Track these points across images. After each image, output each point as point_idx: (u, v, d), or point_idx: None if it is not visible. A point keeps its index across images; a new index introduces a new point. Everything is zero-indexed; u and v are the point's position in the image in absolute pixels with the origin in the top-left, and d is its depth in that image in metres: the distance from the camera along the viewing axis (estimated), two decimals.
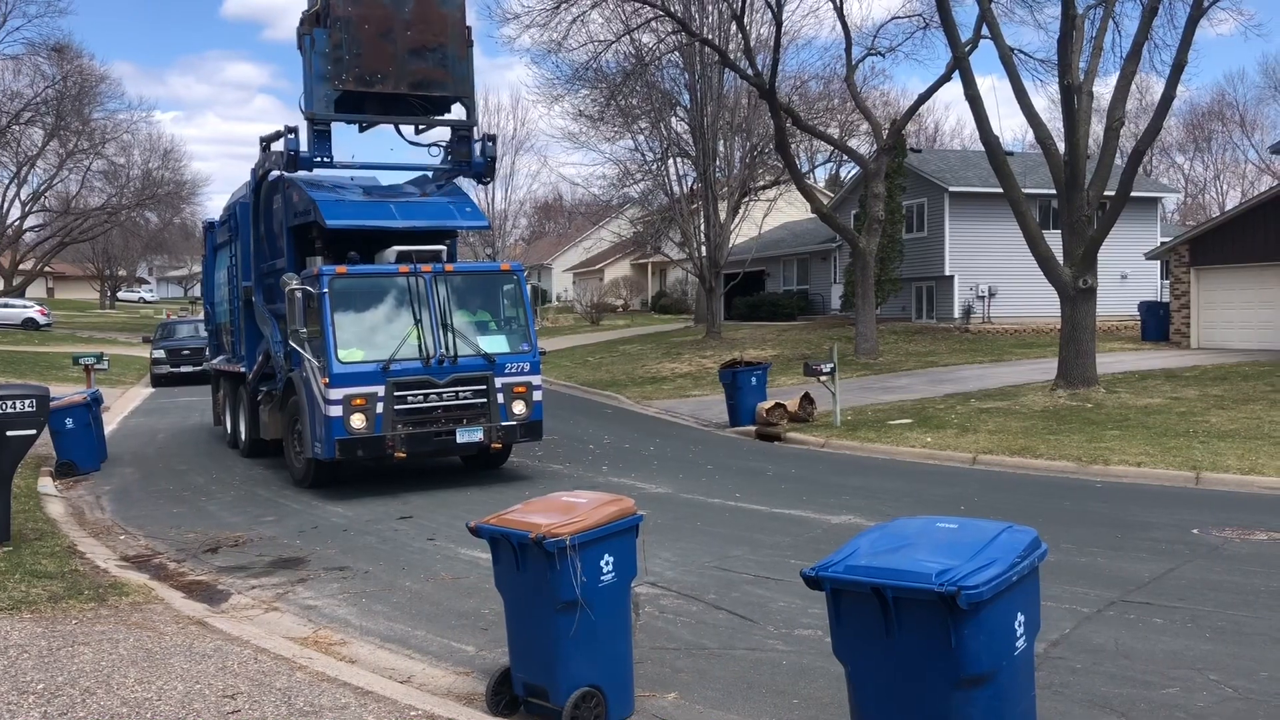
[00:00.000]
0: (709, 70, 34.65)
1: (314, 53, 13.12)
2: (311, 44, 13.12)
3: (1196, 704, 5.60)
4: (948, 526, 4.54)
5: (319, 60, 13.14)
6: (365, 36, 13.25)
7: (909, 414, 18.16)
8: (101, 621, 7.30)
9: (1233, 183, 73.07)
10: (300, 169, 13.72)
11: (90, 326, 57.88)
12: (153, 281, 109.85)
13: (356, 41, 13.20)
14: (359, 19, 13.15)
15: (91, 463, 15.08)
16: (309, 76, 13.32)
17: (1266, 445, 13.52)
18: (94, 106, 50.07)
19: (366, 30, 13.22)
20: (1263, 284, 25.51)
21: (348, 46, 13.17)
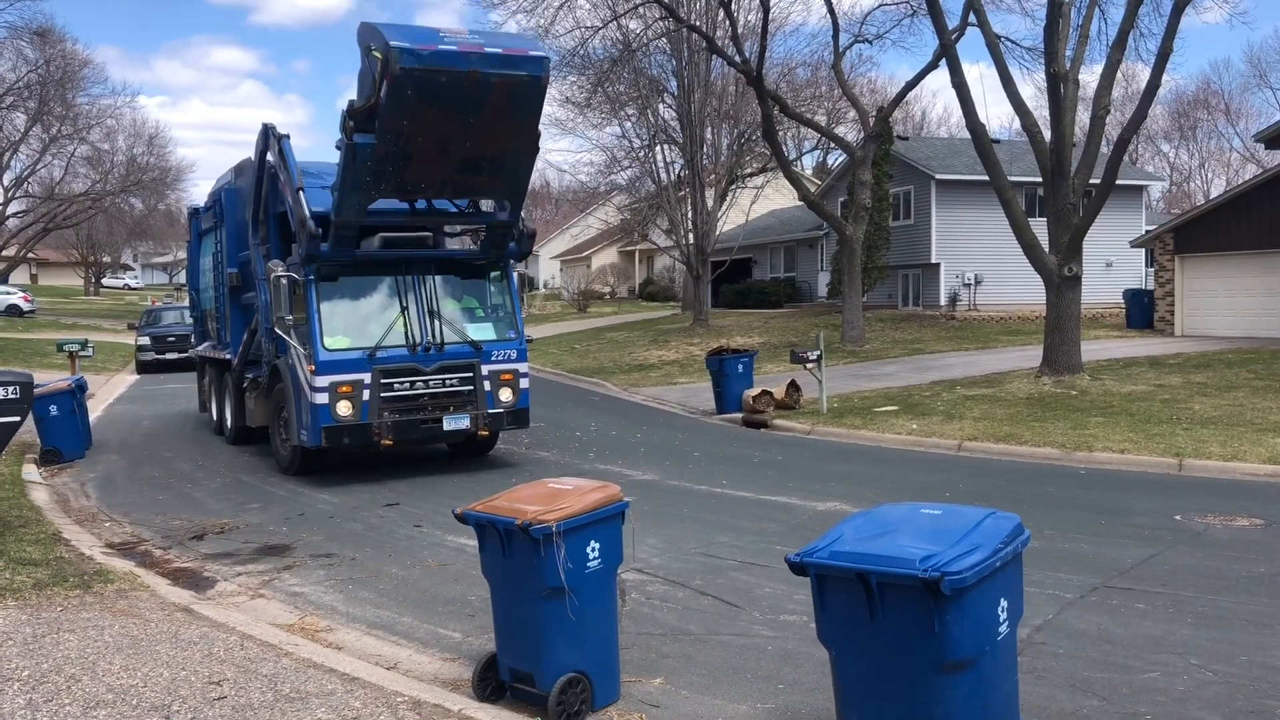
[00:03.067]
0: (696, 57, 34.60)
1: (355, 163, 11.55)
2: (353, 155, 11.47)
3: (1177, 688, 5.65)
4: (931, 513, 4.57)
5: (360, 170, 11.61)
6: (418, 150, 11.60)
7: (895, 401, 18.22)
8: (87, 609, 7.29)
9: (1218, 171, 73.48)
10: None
11: (75, 313, 57.57)
12: (137, 268, 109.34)
13: (406, 156, 11.61)
14: (415, 132, 11.42)
15: (76, 450, 15.02)
16: (344, 183, 11.79)
17: (1249, 432, 13.62)
18: (77, 91, 49.69)
19: (420, 143, 11.54)
20: (1246, 272, 25.65)
21: (395, 160, 11.62)
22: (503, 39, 12.15)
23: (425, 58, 10.81)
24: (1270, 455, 12.24)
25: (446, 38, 11.15)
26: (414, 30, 11.29)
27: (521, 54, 11.38)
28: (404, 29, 11.17)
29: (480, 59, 11.09)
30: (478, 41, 11.33)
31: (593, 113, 37.74)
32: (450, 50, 10.95)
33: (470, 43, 11.22)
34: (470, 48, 11.11)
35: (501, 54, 11.21)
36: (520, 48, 11.53)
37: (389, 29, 10.99)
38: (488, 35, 12.24)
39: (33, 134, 50.11)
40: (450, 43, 11.04)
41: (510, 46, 11.48)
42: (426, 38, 11.06)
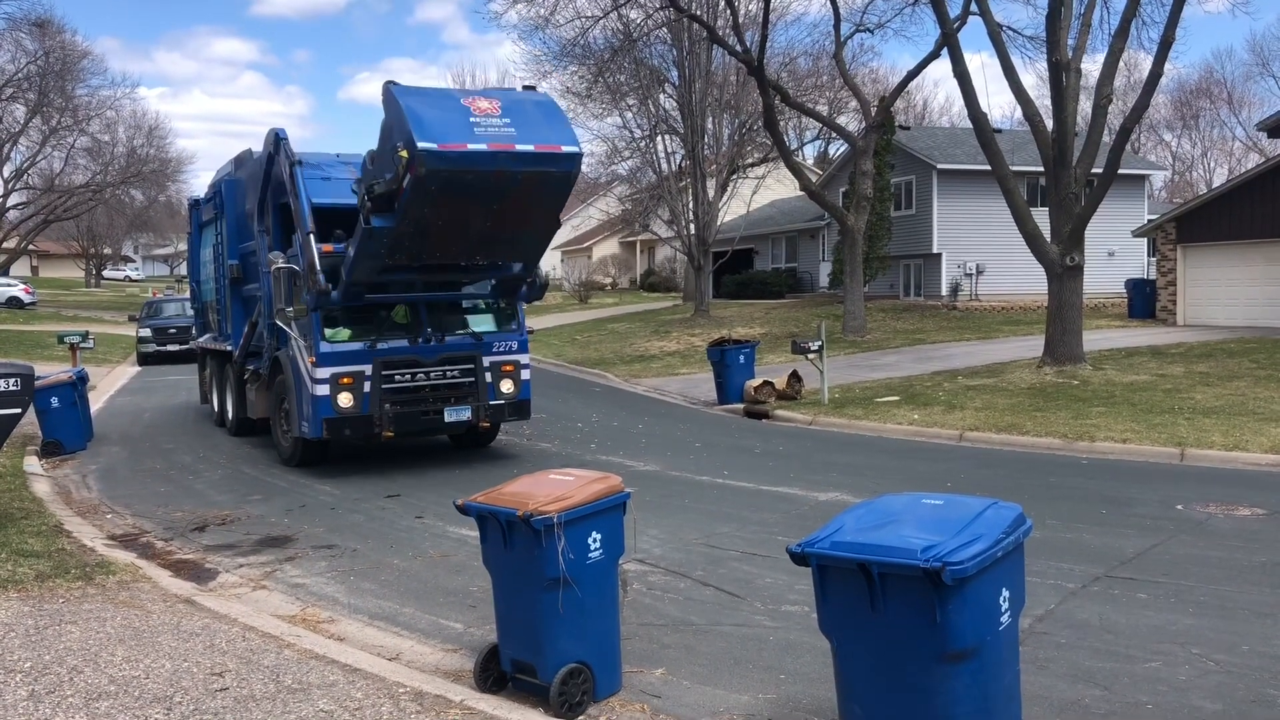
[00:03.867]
0: (697, 47, 34.51)
1: (370, 241, 11.28)
2: (369, 235, 11.17)
3: (1179, 677, 5.65)
4: (933, 503, 4.56)
5: (375, 247, 11.35)
6: (436, 230, 11.30)
7: (896, 391, 18.21)
8: (89, 600, 7.29)
9: (1220, 160, 73.32)
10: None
11: (76, 305, 57.54)
12: (138, 259, 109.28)
13: (424, 234, 11.31)
14: (436, 218, 11.09)
15: (77, 442, 15.03)
16: (358, 253, 11.50)
17: (1251, 421, 13.61)
18: (77, 83, 49.59)
19: (440, 225, 11.23)
20: (1249, 261, 25.60)
21: (412, 238, 11.33)
22: (537, 125, 11.10)
23: (452, 159, 10.46)
24: (1272, 444, 12.23)
25: (477, 128, 10.63)
26: (442, 121, 10.57)
27: (554, 151, 10.97)
28: (431, 119, 10.49)
29: (510, 158, 10.74)
30: (509, 135, 10.76)
31: (594, 103, 37.66)
32: (479, 151, 10.54)
33: (501, 137, 10.70)
34: (501, 146, 10.67)
35: (533, 152, 10.81)
36: (553, 143, 10.98)
37: (415, 117, 10.40)
38: (520, 109, 11.21)
39: (33, 125, 50.04)
40: (480, 140, 10.58)
41: (543, 142, 10.95)
42: (455, 131, 10.51)
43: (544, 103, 11.83)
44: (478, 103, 11.00)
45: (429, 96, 11.14)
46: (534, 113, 11.30)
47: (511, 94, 11.86)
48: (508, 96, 11.59)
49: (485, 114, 10.86)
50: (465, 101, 10.99)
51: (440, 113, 10.70)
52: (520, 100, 11.58)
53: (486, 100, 11.11)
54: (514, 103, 11.34)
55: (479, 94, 11.43)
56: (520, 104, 11.38)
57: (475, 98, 11.17)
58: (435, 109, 10.74)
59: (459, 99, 11.10)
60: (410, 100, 10.71)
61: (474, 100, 11.04)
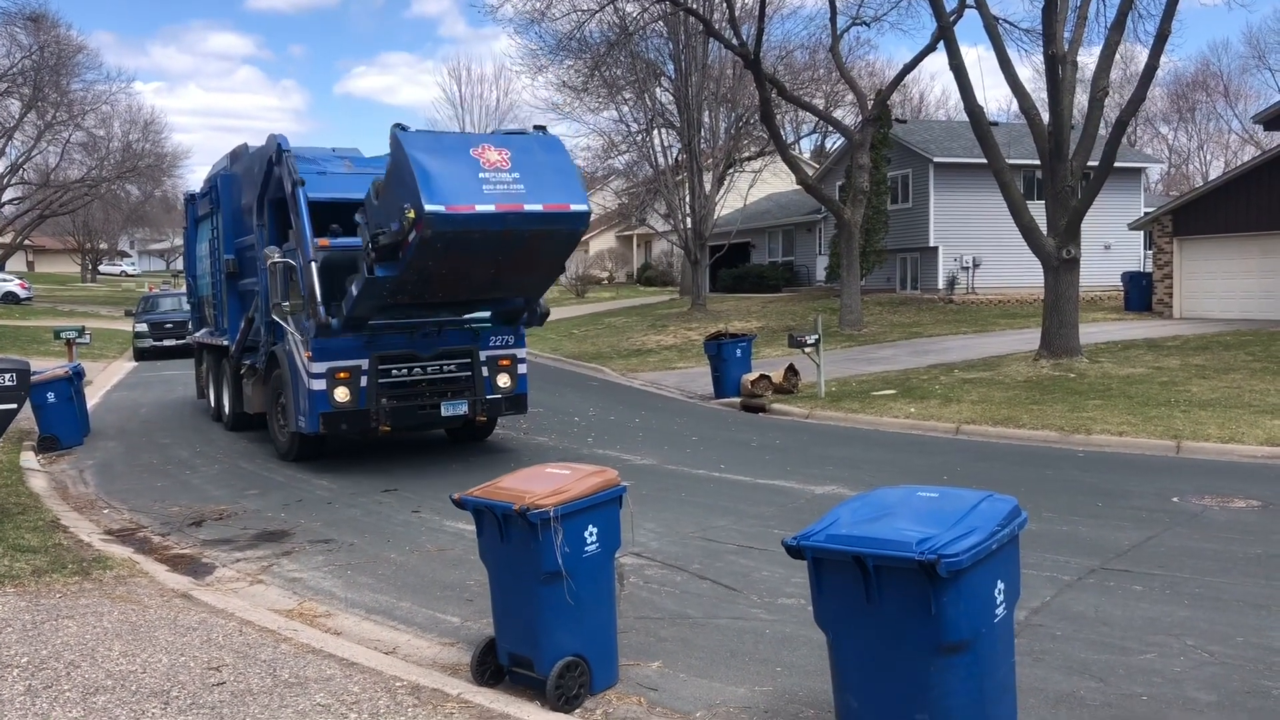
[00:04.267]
0: (693, 40, 34.45)
1: (373, 288, 11.29)
2: (372, 283, 11.19)
3: (1173, 669, 5.67)
4: (928, 495, 4.57)
5: (378, 292, 11.38)
6: (440, 278, 11.37)
7: (893, 385, 18.22)
8: (86, 595, 7.30)
9: (1216, 153, 73.29)
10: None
11: (71, 300, 57.49)
12: (134, 255, 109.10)
13: (428, 281, 11.36)
14: (441, 268, 11.11)
15: (74, 437, 15.02)
16: (360, 294, 11.40)
17: (1246, 414, 13.63)
18: (72, 77, 49.43)
19: (444, 274, 11.28)
20: (1245, 254, 25.63)
21: (415, 285, 11.39)
22: (546, 180, 10.99)
23: (460, 220, 10.41)
24: (1268, 437, 12.26)
25: (485, 185, 10.52)
26: (450, 178, 10.43)
27: (562, 210, 10.95)
28: (439, 177, 10.35)
29: (518, 218, 10.72)
30: (518, 193, 10.69)
31: (590, 97, 37.62)
32: (488, 213, 10.49)
33: (510, 196, 10.64)
34: (509, 206, 10.62)
35: (542, 212, 10.79)
36: (562, 202, 10.95)
37: (423, 174, 10.26)
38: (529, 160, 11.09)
39: (28, 120, 49.89)
40: (489, 199, 10.50)
41: (552, 201, 10.90)
42: (463, 192, 10.41)
43: (554, 151, 11.64)
44: (487, 154, 10.85)
45: (438, 146, 10.88)
46: (544, 163, 11.18)
47: (522, 141, 11.54)
48: (518, 145, 11.30)
49: (494, 168, 10.77)
50: (474, 152, 10.82)
51: (448, 167, 10.55)
52: (530, 148, 11.35)
53: (496, 151, 10.95)
54: (524, 152, 11.16)
55: (489, 140, 11.19)
56: (530, 153, 11.22)
57: (485, 146, 10.96)
58: (443, 161, 10.57)
59: (468, 149, 10.90)
60: (418, 152, 10.53)
61: (483, 150, 10.87)
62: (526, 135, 11.85)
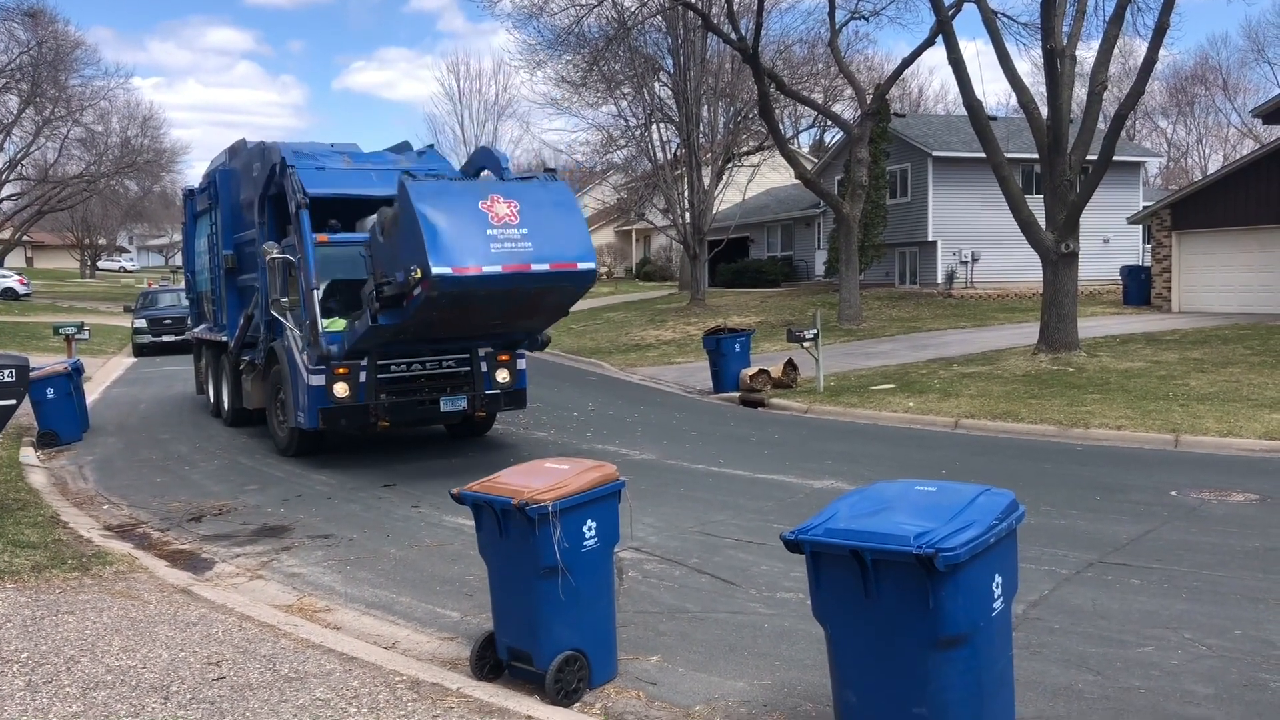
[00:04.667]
0: (692, 35, 34.42)
1: (377, 332, 11.33)
2: (376, 329, 11.23)
3: (1171, 662, 5.69)
4: (926, 490, 4.58)
5: (382, 334, 11.45)
6: (444, 323, 11.48)
7: (892, 379, 18.24)
8: (85, 591, 7.31)
9: (1215, 146, 73.33)
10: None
11: (70, 296, 57.49)
12: (133, 250, 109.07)
13: (432, 326, 11.46)
14: (446, 316, 11.17)
15: (73, 433, 15.02)
16: (365, 334, 11.44)
17: (1245, 408, 13.65)
18: (70, 73, 49.39)
19: (449, 320, 11.38)
20: (1243, 248, 25.63)
21: (419, 328, 11.46)
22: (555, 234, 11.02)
23: (466, 282, 10.44)
24: (1266, 430, 12.27)
25: (493, 243, 10.47)
26: (457, 237, 10.40)
27: (569, 269, 10.99)
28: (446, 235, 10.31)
29: (525, 278, 10.77)
30: (525, 252, 10.67)
31: (588, 91, 37.54)
32: (494, 274, 10.53)
33: (517, 256, 10.63)
34: (516, 267, 10.62)
35: (548, 271, 10.84)
36: (569, 260, 10.98)
37: (430, 232, 10.23)
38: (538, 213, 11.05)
39: (26, 116, 49.83)
40: (496, 260, 10.49)
41: (559, 259, 10.93)
42: (470, 252, 10.38)
43: (562, 200, 11.58)
44: (496, 206, 10.81)
45: (446, 197, 10.75)
46: (552, 216, 11.16)
47: (531, 191, 11.42)
48: (526, 196, 11.22)
49: (503, 223, 10.74)
50: (483, 205, 10.76)
51: (456, 222, 10.50)
52: (539, 199, 11.28)
53: (505, 203, 10.89)
54: (533, 205, 11.10)
55: (498, 190, 11.07)
56: (538, 205, 11.16)
57: (494, 198, 10.88)
58: (451, 216, 10.50)
59: (476, 201, 10.79)
60: (425, 205, 10.45)
61: (492, 203, 10.81)
62: (535, 182, 11.75)
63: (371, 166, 14.01)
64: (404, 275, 10.55)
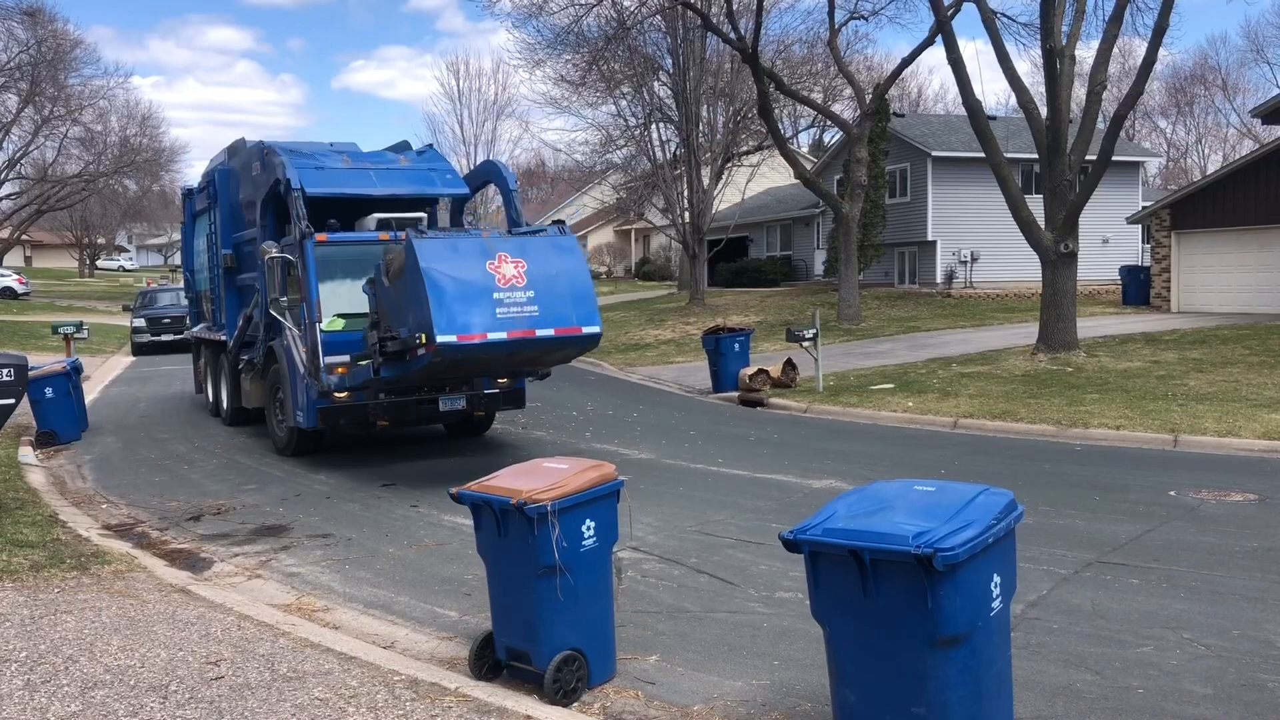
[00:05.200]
0: (691, 34, 34.40)
1: (378, 381, 11.39)
2: (379, 381, 11.36)
3: (1169, 662, 5.69)
4: (925, 489, 4.58)
5: (384, 384, 11.51)
6: (448, 375, 11.59)
7: (891, 379, 18.24)
8: (84, 590, 7.30)
9: (1214, 147, 73.34)
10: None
11: (69, 295, 57.45)
12: (132, 249, 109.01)
13: (436, 375, 11.50)
14: (448, 370, 11.22)
15: (72, 432, 15.01)
16: (366, 380, 11.50)
17: (1244, 408, 13.65)
18: (69, 72, 49.35)
19: (453, 371, 11.41)
20: (1243, 248, 25.64)
21: (421, 380, 11.64)
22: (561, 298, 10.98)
23: (470, 349, 10.46)
24: (1265, 430, 12.27)
25: (499, 308, 10.46)
26: (463, 301, 10.35)
27: (574, 334, 10.98)
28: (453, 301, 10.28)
29: (530, 343, 10.81)
30: (530, 317, 10.66)
31: (588, 91, 37.52)
32: (499, 340, 10.54)
33: (522, 322, 10.62)
34: (521, 334, 10.63)
35: (553, 336, 10.85)
36: (574, 325, 10.95)
37: (436, 296, 10.18)
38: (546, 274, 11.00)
39: (25, 115, 49.76)
40: (501, 327, 10.49)
41: (564, 325, 10.91)
42: (476, 319, 10.36)
43: (570, 256, 11.46)
44: (503, 266, 10.74)
45: (453, 256, 10.63)
46: (559, 276, 11.11)
47: (538, 247, 11.30)
48: (534, 252, 11.11)
49: (510, 285, 10.69)
50: (490, 266, 10.69)
51: (462, 285, 10.42)
52: (546, 256, 11.20)
53: (512, 263, 10.82)
54: (540, 263, 11.03)
55: (506, 248, 10.94)
56: (546, 263, 11.10)
57: (501, 256, 10.79)
58: (458, 278, 10.42)
59: (484, 260, 10.70)
60: (433, 264, 10.36)
61: (500, 263, 10.73)
62: (543, 237, 11.67)
63: (371, 166, 14.01)
64: (408, 332, 10.56)
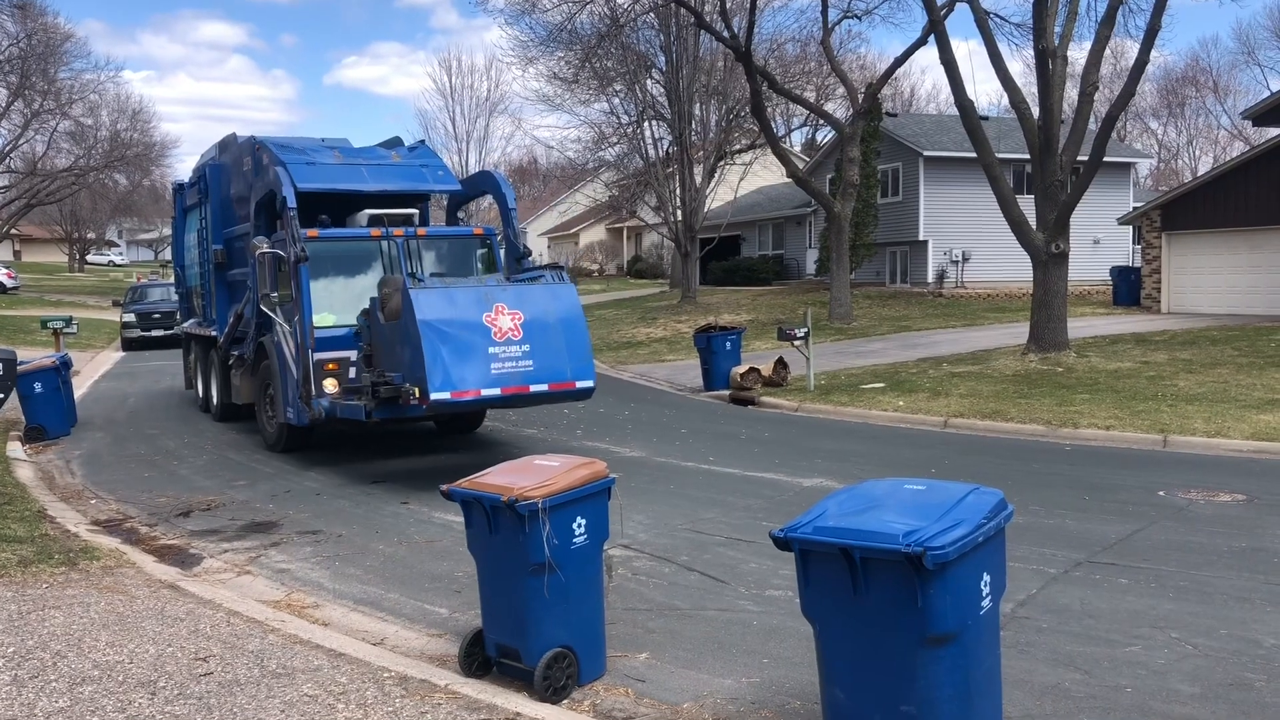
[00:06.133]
0: (684, 32, 34.43)
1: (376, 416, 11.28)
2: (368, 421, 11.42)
3: (1158, 661, 5.70)
4: (915, 488, 4.58)
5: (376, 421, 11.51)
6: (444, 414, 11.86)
7: (882, 378, 18.26)
8: (72, 585, 7.28)
9: (1205, 148, 73.62)
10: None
11: (59, 290, 57.17)
12: (122, 244, 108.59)
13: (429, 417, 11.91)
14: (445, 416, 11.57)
15: (61, 427, 14.96)
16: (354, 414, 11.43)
17: (1233, 408, 13.69)
18: (59, 66, 49.12)
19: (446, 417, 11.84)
20: (1233, 249, 25.73)
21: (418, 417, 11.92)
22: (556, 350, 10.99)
23: (464, 404, 10.56)
24: (1254, 431, 12.31)
25: (494, 363, 10.47)
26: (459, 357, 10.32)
27: (568, 388, 11.03)
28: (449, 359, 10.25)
29: (523, 398, 10.87)
30: (525, 371, 10.66)
31: (580, 88, 37.52)
32: (493, 396, 10.57)
33: (517, 377, 10.61)
34: (515, 389, 10.63)
35: (547, 391, 10.88)
36: (568, 380, 10.97)
37: (432, 354, 10.15)
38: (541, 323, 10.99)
39: (14, 109, 49.52)
40: (495, 383, 10.48)
41: (558, 379, 10.92)
42: (471, 375, 10.33)
43: (567, 305, 11.42)
44: (500, 319, 10.69)
45: (451, 309, 10.53)
46: (555, 327, 11.09)
47: (536, 296, 11.24)
48: (532, 303, 11.09)
49: (505, 338, 10.67)
50: (487, 318, 10.62)
51: (458, 342, 10.39)
52: (545, 307, 11.15)
53: (509, 315, 10.77)
54: (537, 315, 11.00)
55: (504, 298, 10.88)
56: (543, 314, 11.06)
57: (499, 308, 10.72)
58: (453, 334, 10.38)
59: (481, 312, 10.62)
60: (429, 317, 10.29)
61: (497, 315, 10.67)
62: (542, 285, 11.62)
63: (362, 162, 13.97)
64: (401, 379, 10.57)
